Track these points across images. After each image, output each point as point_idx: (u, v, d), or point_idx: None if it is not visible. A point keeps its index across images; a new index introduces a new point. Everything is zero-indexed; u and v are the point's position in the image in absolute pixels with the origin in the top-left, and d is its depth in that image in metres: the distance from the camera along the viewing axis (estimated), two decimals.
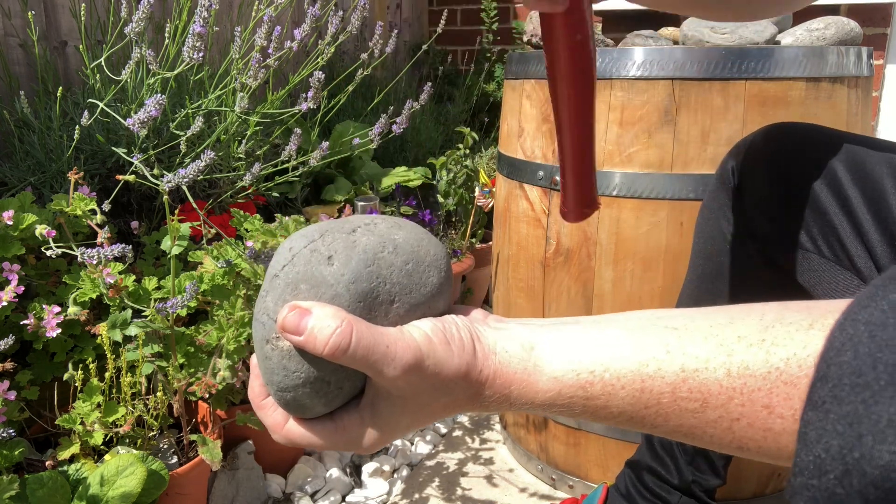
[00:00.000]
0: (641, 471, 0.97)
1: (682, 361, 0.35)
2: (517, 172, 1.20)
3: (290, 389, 0.39)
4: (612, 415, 0.37)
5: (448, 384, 0.38)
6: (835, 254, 0.70)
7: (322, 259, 0.39)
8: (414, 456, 1.35)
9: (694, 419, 0.35)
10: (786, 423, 0.31)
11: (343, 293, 0.38)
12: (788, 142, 0.77)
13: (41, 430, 1.02)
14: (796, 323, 0.33)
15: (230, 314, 0.99)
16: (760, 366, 0.32)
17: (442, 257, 0.43)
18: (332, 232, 0.41)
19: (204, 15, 1.00)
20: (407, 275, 0.40)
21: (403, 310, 0.40)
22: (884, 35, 2.43)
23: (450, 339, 0.39)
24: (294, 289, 0.39)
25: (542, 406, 0.39)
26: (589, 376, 0.37)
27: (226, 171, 1.41)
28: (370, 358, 0.37)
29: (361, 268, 0.39)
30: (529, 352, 0.39)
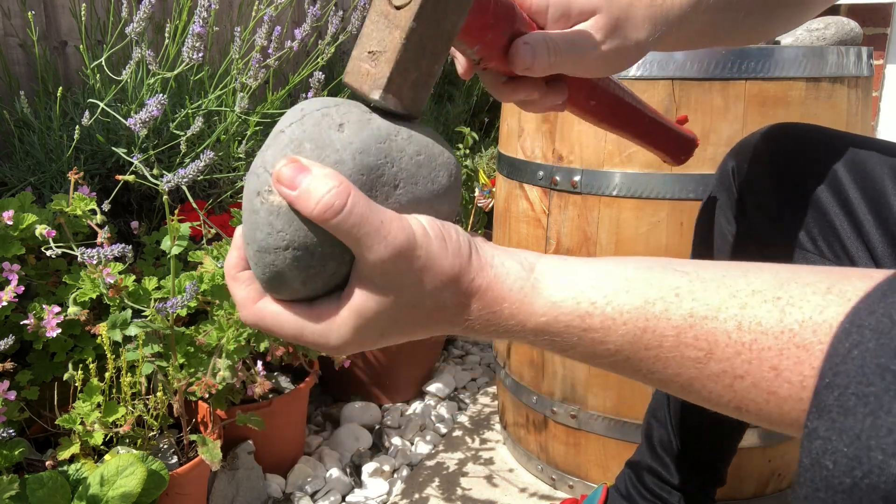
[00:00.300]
0: (641, 471, 0.97)
1: (691, 306, 0.33)
2: (517, 172, 1.20)
3: (271, 251, 0.36)
4: (607, 352, 0.35)
5: (436, 284, 0.36)
6: (835, 254, 0.70)
7: (333, 124, 0.37)
8: (414, 456, 1.35)
9: (695, 370, 0.33)
10: (793, 388, 0.30)
11: (347, 160, 0.37)
12: (788, 142, 0.76)
13: (41, 430, 1.02)
14: (813, 284, 0.31)
15: (230, 314, 0.99)
16: (774, 324, 0.31)
17: (453, 164, 0.41)
18: (348, 104, 0.39)
19: (204, 15, 1.00)
20: (417, 164, 0.39)
21: (406, 198, 0.38)
22: (884, 35, 2.43)
23: (447, 237, 0.37)
24: (297, 146, 0.37)
25: (534, 331, 0.36)
26: (589, 306, 0.35)
27: (226, 171, 1.42)
28: (361, 229, 0.34)
29: (371, 142, 0.37)
30: (529, 272, 0.37)
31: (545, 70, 0.49)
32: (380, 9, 0.39)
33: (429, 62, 0.40)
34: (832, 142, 0.74)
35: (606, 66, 0.53)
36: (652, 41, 0.54)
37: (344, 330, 0.37)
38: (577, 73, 0.53)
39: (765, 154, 0.77)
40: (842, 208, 0.69)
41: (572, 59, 0.50)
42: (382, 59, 0.38)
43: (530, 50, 0.48)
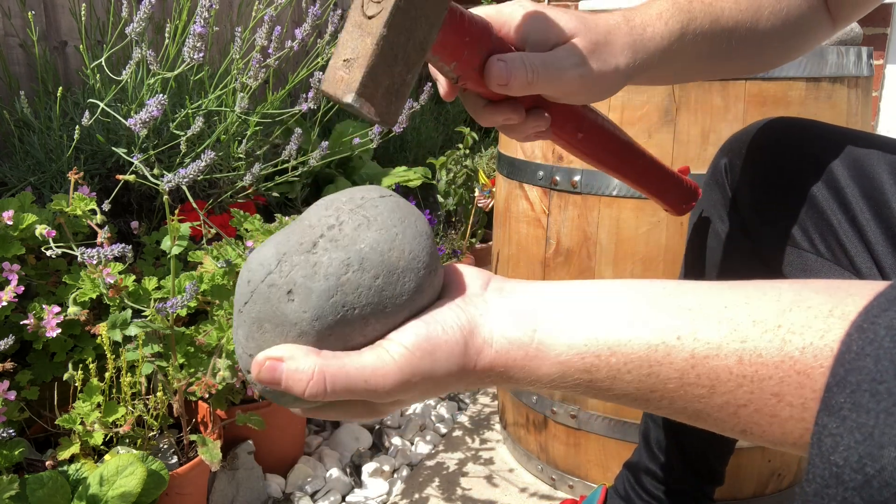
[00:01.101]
0: (639, 472, 0.97)
1: (692, 347, 0.34)
2: (517, 172, 1.20)
3: (280, 401, 0.40)
4: (615, 396, 0.37)
5: (442, 384, 0.38)
6: (833, 253, 0.69)
7: (281, 295, 0.37)
8: (414, 456, 1.35)
9: (700, 404, 0.34)
10: (794, 410, 0.31)
11: (308, 331, 0.37)
12: (782, 137, 0.75)
13: (41, 430, 1.02)
14: (816, 308, 0.31)
15: (230, 314, 0.99)
16: (774, 354, 0.31)
17: (420, 251, 0.39)
18: (289, 256, 0.38)
19: (204, 15, 1.00)
20: (377, 292, 0.37)
21: (381, 326, 0.38)
22: (884, 35, 2.43)
23: (435, 346, 0.37)
24: (259, 327, 0.38)
25: (548, 385, 0.38)
26: (594, 360, 0.36)
27: (226, 171, 1.41)
28: (353, 394, 0.37)
29: (324, 302, 0.37)
30: (532, 334, 0.38)
31: (522, 88, 0.49)
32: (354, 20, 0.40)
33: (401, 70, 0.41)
34: (827, 136, 0.72)
35: (585, 89, 0.53)
36: (632, 69, 0.54)
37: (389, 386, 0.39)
38: (556, 95, 0.53)
39: (758, 150, 0.76)
40: (839, 205, 0.68)
41: (549, 79, 0.50)
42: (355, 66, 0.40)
43: (505, 67, 0.48)
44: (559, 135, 0.58)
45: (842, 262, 0.68)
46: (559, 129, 0.58)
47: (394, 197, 0.41)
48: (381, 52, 0.39)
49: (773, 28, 0.62)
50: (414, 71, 0.42)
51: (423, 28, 0.40)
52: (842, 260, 0.68)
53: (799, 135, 0.74)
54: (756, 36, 0.61)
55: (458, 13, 0.46)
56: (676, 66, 0.59)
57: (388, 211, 0.39)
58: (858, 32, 1.30)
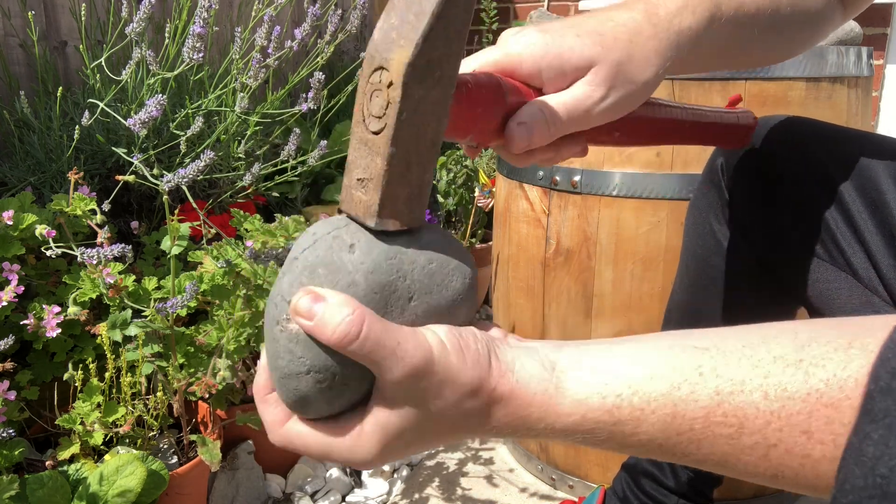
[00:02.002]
0: (638, 474, 0.96)
1: (716, 384, 0.33)
2: (517, 172, 1.20)
3: (293, 377, 0.38)
4: (640, 442, 0.35)
5: (457, 396, 0.36)
6: (829, 254, 0.68)
7: (344, 245, 0.38)
8: (414, 456, 1.35)
9: (728, 446, 0.33)
10: (826, 448, 0.29)
11: (360, 281, 0.38)
12: (778, 136, 0.74)
13: (41, 430, 1.02)
14: (834, 341, 0.31)
15: (230, 314, 1.00)
16: (799, 387, 0.30)
17: (468, 265, 0.41)
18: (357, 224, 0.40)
19: (204, 15, 1.00)
20: (429, 274, 0.39)
21: (421, 310, 0.39)
22: (884, 35, 2.43)
23: (465, 348, 0.37)
24: (311, 272, 0.38)
25: (563, 432, 0.36)
26: (616, 399, 0.35)
27: (226, 171, 1.41)
28: (378, 353, 0.35)
29: (382, 258, 0.38)
30: (551, 372, 0.36)
31: (547, 141, 0.47)
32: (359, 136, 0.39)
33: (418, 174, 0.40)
34: (823, 136, 0.71)
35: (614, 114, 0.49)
36: (662, 74, 0.50)
37: (369, 446, 0.38)
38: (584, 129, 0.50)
39: (753, 150, 0.75)
40: (836, 205, 0.67)
41: (575, 123, 0.48)
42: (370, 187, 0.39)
43: (525, 130, 0.46)
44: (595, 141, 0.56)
45: (838, 263, 0.67)
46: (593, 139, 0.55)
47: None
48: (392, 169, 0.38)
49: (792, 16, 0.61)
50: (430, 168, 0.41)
51: (431, 126, 0.39)
52: (838, 260, 0.67)
53: (796, 134, 0.73)
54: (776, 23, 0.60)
55: (465, 88, 0.44)
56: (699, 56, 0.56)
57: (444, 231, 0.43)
58: (858, 32, 1.30)
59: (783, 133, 0.74)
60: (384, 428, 0.37)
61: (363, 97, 0.39)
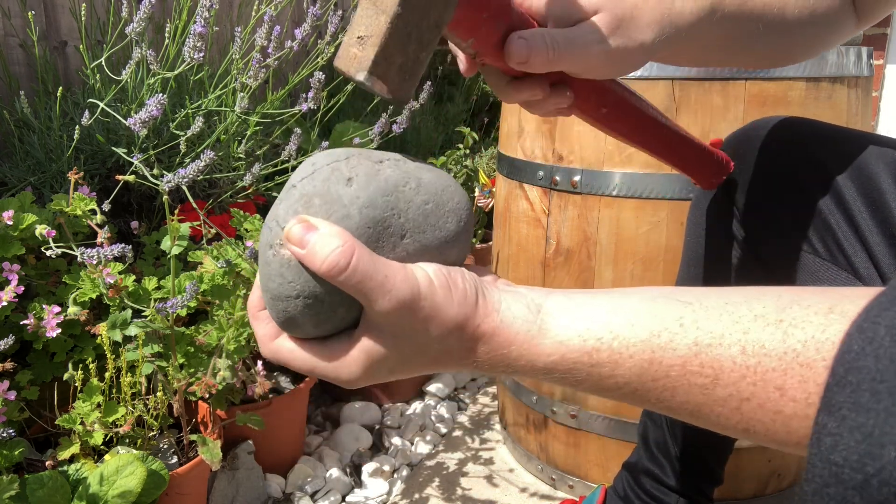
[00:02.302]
0: (638, 473, 0.97)
1: (695, 335, 0.34)
2: (517, 172, 1.20)
3: (283, 299, 0.39)
4: (616, 385, 0.36)
5: (441, 331, 0.37)
6: (831, 253, 0.68)
7: (341, 178, 0.39)
8: (414, 456, 1.35)
9: (702, 396, 0.34)
10: (798, 406, 0.31)
11: (354, 215, 0.38)
12: (779, 136, 0.74)
13: (41, 430, 1.02)
14: (815, 305, 0.32)
15: (230, 314, 0.99)
16: (777, 346, 0.31)
17: (465, 208, 0.42)
18: (358, 157, 0.41)
19: (204, 15, 1.00)
20: (424, 214, 0.40)
21: (413, 247, 0.40)
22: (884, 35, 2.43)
23: (452, 285, 0.38)
24: (307, 202, 0.39)
25: (543, 370, 0.38)
26: (596, 342, 0.36)
27: (226, 171, 1.41)
28: (366, 284, 0.36)
29: (378, 195, 0.39)
30: (536, 314, 0.38)
31: (543, 66, 0.48)
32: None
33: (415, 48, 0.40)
34: (824, 136, 0.72)
35: (609, 65, 0.51)
36: (658, 45, 0.52)
37: (354, 368, 0.39)
38: (578, 72, 0.51)
39: (754, 149, 0.75)
40: (837, 205, 0.67)
41: (572, 56, 0.49)
42: (369, 43, 0.39)
43: (525, 44, 0.47)
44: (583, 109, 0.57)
45: (839, 262, 0.68)
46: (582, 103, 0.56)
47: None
48: (394, 30, 0.39)
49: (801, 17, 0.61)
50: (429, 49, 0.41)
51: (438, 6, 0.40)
52: (839, 260, 0.68)
53: (796, 134, 0.74)
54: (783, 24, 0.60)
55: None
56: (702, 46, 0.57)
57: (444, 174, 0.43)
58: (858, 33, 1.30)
59: (783, 133, 0.74)
60: (369, 354, 0.38)
61: None
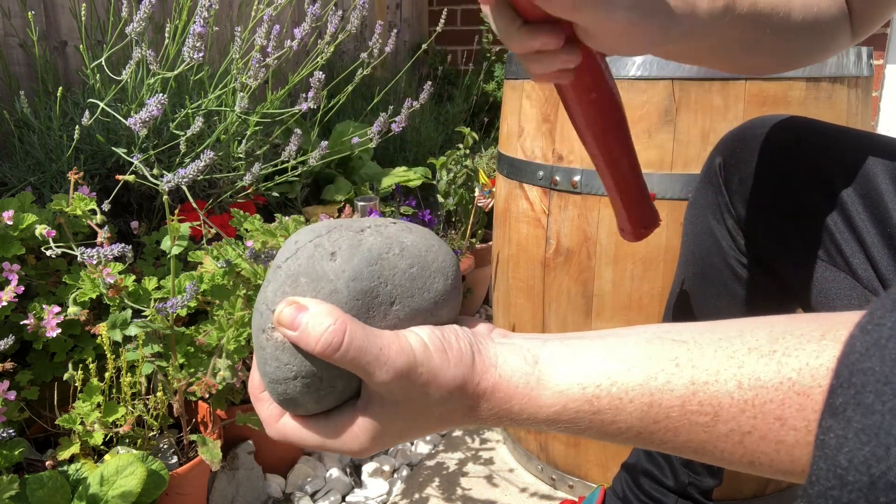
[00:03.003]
0: (637, 474, 0.96)
1: (691, 374, 0.34)
2: (517, 172, 1.20)
3: (282, 382, 0.39)
4: (619, 430, 0.36)
5: (442, 394, 0.38)
6: (829, 255, 0.68)
7: (325, 254, 0.40)
8: (414, 456, 1.35)
9: (704, 434, 0.34)
10: (799, 434, 0.31)
11: (342, 289, 0.39)
12: (778, 136, 0.74)
13: (41, 430, 1.02)
14: (807, 334, 0.32)
15: (230, 314, 1.00)
16: (772, 377, 0.32)
17: (451, 265, 0.43)
18: (339, 229, 0.41)
19: (204, 15, 1.00)
20: (410, 278, 0.40)
21: (403, 313, 0.40)
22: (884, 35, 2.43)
23: (447, 347, 0.38)
24: (294, 281, 0.39)
25: (546, 421, 0.38)
26: (595, 390, 0.36)
27: (226, 171, 1.41)
28: (362, 359, 0.36)
29: (363, 266, 0.39)
30: (533, 365, 0.38)
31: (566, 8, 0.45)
32: None
33: None
34: (823, 135, 0.71)
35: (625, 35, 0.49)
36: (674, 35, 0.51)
37: (362, 438, 0.40)
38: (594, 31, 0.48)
39: (753, 149, 0.75)
40: (835, 206, 0.67)
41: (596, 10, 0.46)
42: None
43: None
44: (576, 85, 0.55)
45: (837, 264, 0.67)
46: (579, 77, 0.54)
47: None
48: None
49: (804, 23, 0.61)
50: None
51: None
52: (837, 261, 0.67)
53: (793, 133, 0.73)
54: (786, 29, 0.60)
55: None
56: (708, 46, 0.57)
57: (426, 231, 0.44)
58: None
59: (780, 132, 0.74)
60: (373, 424, 0.39)
61: None
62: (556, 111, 1.11)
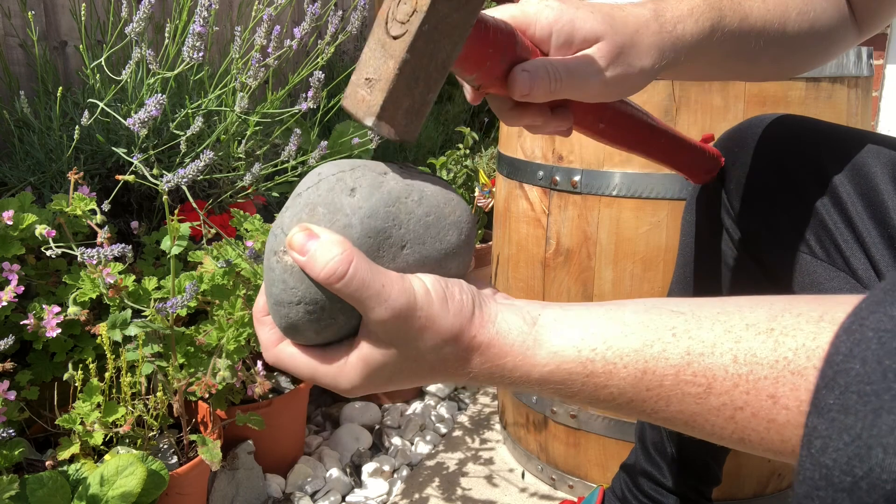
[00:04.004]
0: (636, 475, 0.96)
1: (687, 344, 0.34)
2: (517, 172, 1.20)
3: (285, 305, 0.40)
4: (610, 395, 0.36)
5: (436, 342, 0.38)
6: (828, 254, 0.68)
7: (345, 188, 0.40)
8: (414, 456, 1.35)
9: (696, 405, 0.34)
10: (790, 414, 0.31)
11: (356, 224, 0.39)
12: (776, 134, 0.74)
13: (41, 430, 1.02)
14: (806, 314, 0.32)
15: (230, 314, 1.00)
16: (768, 354, 0.32)
17: (466, 221, 0.43)
18: (363, 168, 0.42)
19: (204, 14, 1.00)
20: (425, 226, 0.41)
21: (413, 258, 0.41)
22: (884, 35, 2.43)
23: (449, 297, 0.39)
24: (311, 210, 0.40)
25: (538, 381, 0.38)
26: (590, 353, 0.37)
27: (226, 171, 1.41)
28: (363, 293, 0.37)
29: (380, 206, 0.40)
30: (531, 325, 0.38)
31: (545, 96, 0.49)
32: (378, 37, 0.41)
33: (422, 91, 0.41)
34: (822, 134, 0.71)
35: (609, 92, 0.53)
36: (658, 69, 0.53)
37: (353, 375, 0.40)
38: (580, 98, 0.52)
39: (751, 148, 0.75)
40: (834, 205, 0.67)
41: (573, 86, 0.50)
42: (377, 88, 0.40)
43: (528, 77, 0.48)
44: (581, 125, 0.58)
45: (837, 263, 0.67)
46: (580, 121, 0.57)
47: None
48: (402, 75, 0.40)
49: (801, 31, 0.61)
50: (435, 90, 0.42)
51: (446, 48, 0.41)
52: (837, 261, 0.67)
53: (792, 132, 0.73)
54: (784, 38, 0.61)
55: (483, 25, 0.46)
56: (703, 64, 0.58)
57: (448, 187, 0.44)
58: None
59: (779, 131, 0.74)
60: (367, 362, 0.40)
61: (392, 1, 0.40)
62: None
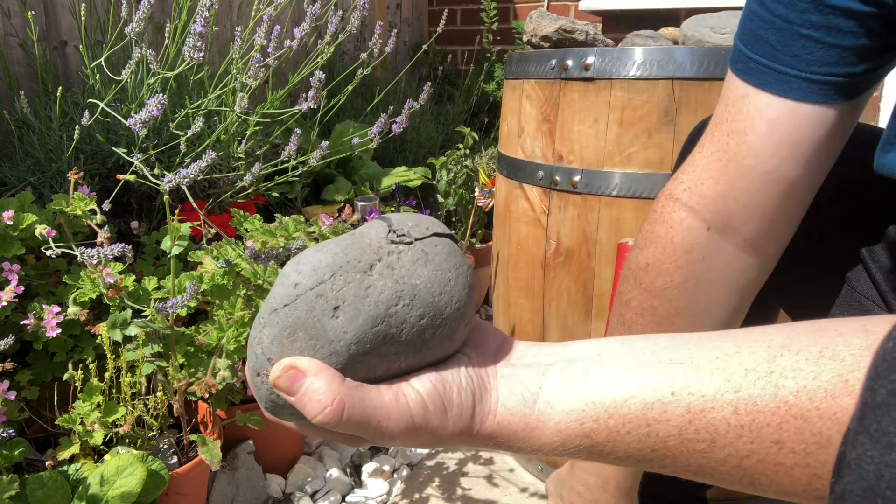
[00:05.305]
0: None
1: (688, 402, 0.34)
2: (517, 172, 1.20)
3: (277, 413, 0.39)
4: (618, 458, 0.37)
5: (444, 441, 0.39)
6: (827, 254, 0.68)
7: (327, 309, 0.36)
8: (414, 456, 1.35)
9: (703, 458, 0.34)
10: (797, 457, 0.31)
11: (342, 352, 0.36)
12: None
13: (41, 430, 1.02)
14: (805, 349, 0.31)
15: (230, 314, 0.99)
16: (769, 401, 0.31)
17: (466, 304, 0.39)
18: (346, 271, 0.37)
19: (204, 14, 1.00)
20: (419, 332, 0.37)
21: (406, 364, 0.38)
22: None
23: (447, 405, 0.38)
24: (291, 334, 0.37)
25: (549, 453, 0.39)
26: (593, 424, 0.37)
27: (226, 171, 1.41)
28: (360, 430, 0.36)
29: (368, 327, 0.36)
30: (532, 406, 0.38)
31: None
32: None
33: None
34: None
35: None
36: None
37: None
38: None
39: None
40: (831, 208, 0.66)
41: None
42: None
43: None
44: None
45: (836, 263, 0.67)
46: None
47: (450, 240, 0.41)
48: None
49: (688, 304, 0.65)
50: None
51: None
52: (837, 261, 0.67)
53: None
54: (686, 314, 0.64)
55: None
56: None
57: (446, 254, 0.39)
58: None
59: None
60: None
61: None
62: (556, 111, 1.11)
